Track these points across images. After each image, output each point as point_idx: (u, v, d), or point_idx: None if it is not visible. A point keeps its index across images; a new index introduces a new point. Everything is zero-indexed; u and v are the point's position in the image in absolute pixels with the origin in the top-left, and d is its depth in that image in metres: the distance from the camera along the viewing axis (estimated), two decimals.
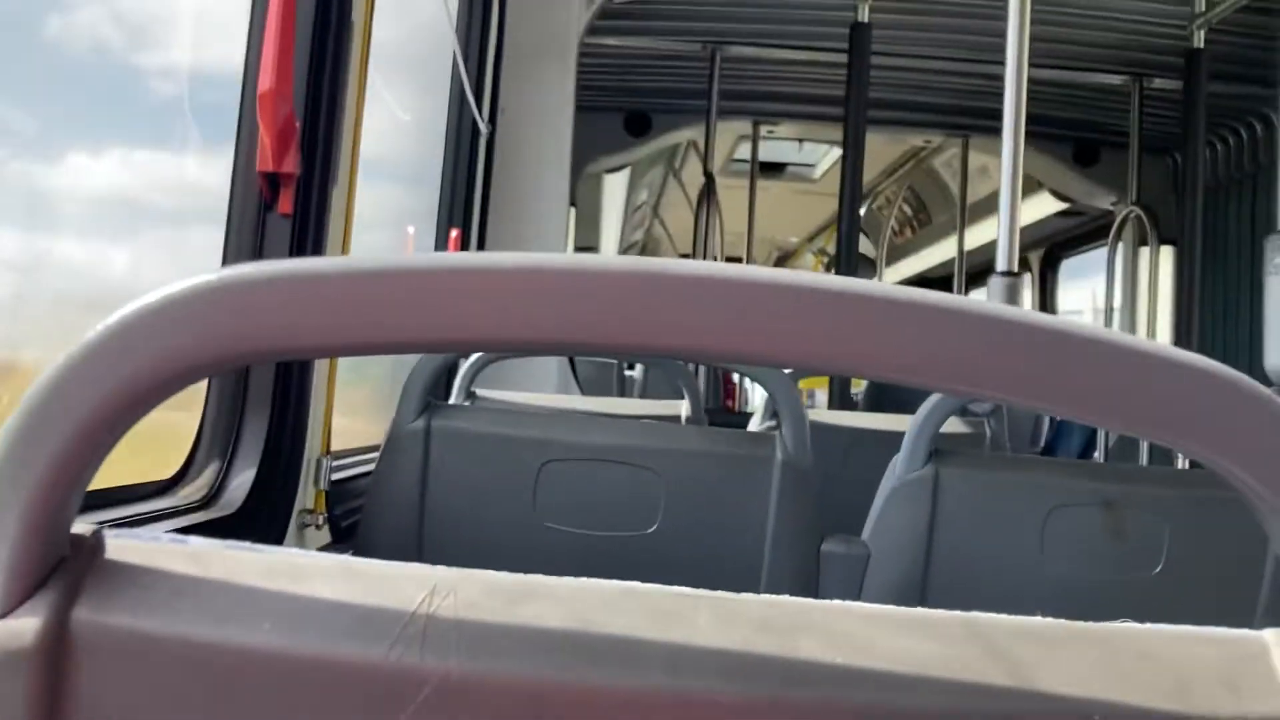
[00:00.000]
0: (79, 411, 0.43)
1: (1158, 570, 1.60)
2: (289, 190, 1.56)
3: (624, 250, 10.57)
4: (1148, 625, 0.47)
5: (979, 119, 5.57)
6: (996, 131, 2.52)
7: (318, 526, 1.81)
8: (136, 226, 1.79)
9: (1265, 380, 2.19)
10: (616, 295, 0.42)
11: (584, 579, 0.47)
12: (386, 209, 3.28)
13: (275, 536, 1.66)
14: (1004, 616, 0.47)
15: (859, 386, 5.83)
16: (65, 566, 0.45)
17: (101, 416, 0.44)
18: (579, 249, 8.57)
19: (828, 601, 0.47)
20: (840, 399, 4.70)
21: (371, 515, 1.71)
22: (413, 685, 0.42)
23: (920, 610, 0.46)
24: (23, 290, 1.43)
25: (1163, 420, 0.42)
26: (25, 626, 0.42)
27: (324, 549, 1.89)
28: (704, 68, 5.10)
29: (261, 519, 1.61)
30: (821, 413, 3.04)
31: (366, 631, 0.43)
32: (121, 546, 0.47)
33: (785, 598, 0.47)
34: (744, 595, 0.47)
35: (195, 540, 0.48)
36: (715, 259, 5.73)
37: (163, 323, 0.43)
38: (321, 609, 0.44)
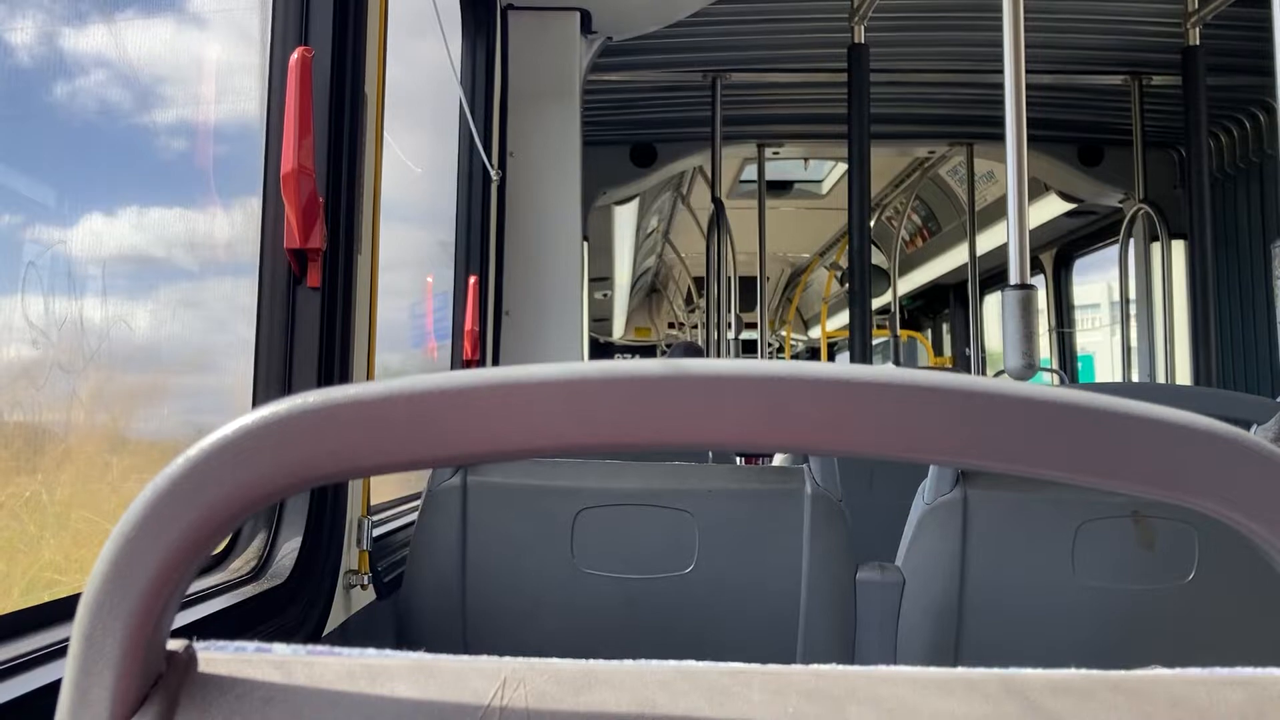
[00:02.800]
0: (167, 540, 0.47)
1: (1190, 579, 1.61)
2: (316, 264, 1.60)
3: (638, 277, 10.59)
4: (1177, 671, 0.50)
5: (982, 126, 5.59)
6: (1000, 137, 2.54)
7: (363, 586, 1.84)
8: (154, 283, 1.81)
9: None
10: (650, 399, 0.46)
11: (640, 661, 0.50)
12: (399, 248, 3.32)
13: (324, 600, 1.69)
14: (1039, 671, 0.50)
15: None
16: (163, 683, 0.48)
17: (187, 543, 0.47)
18: (593, 280, 8.62)
19: (871, 668, 0.50)
20: None
21: (414, 573, 1.74)
22: None
23: (960, 670, 0.50)
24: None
25: (1168, 482, 0.45)
26: None
27: (369, 607, 1.93)
28: (706, 96, 5.15)
29: (310, 585, 1.64)
30: None
31: None
32: (212, 659, 0.50)
33: (831, 666, 0.50)
34: (792, 666, 0.50)
35: (279, 648, 0.51)
36: (729, 280, 5.76)
37: (242, 452, 0.47)
38: (402, 709, 0.48)
